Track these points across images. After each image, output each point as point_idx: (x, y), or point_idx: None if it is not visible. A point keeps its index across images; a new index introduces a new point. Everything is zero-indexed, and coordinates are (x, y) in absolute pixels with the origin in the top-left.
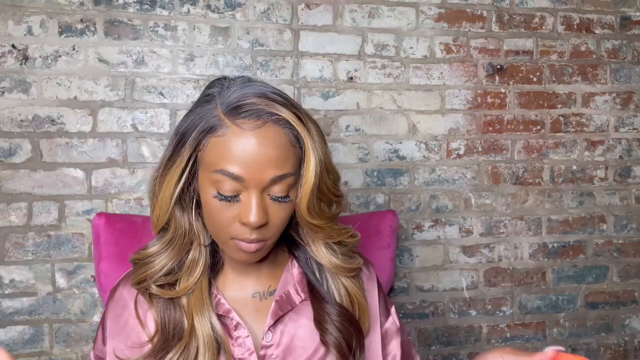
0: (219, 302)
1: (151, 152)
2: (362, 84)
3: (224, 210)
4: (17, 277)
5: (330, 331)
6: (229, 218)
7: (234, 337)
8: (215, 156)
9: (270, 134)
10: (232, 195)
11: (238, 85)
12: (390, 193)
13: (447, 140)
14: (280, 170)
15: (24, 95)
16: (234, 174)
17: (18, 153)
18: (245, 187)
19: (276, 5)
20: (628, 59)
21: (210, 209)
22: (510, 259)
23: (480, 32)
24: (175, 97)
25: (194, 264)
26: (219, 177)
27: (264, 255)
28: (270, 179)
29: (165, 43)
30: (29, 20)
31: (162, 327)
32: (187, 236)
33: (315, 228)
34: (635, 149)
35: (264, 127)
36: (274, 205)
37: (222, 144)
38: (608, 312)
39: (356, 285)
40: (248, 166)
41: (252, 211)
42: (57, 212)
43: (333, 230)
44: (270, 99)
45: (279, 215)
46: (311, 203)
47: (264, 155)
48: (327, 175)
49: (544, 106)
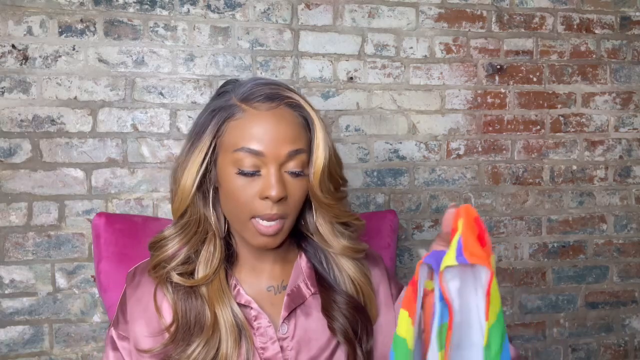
0: (238, 292)
1: (151, 152)
2: (362, 84)
3: (245, 187)
4: (17, 277)
5: (337, 318)
6: (250, 195)
7: (255, 327)
8: (235, 137)
9: (284, 114)
10: (254, 171)
11: (249, 81)
12: (390, 193)
13: (447, 140)
14: (295, 145)
15: (24, 95)
16: (254, 150)
17: (18, 153)
18: (264, 162)
19: (276, 5)
20: (628, 59)
21: (231, 188)
22: (510, 259)
23: (480, 32)
24: (175, 97)
25: (210, 255)
26: (240, 155)
27: (281, 240)
28: (287, 154)
29: (165, 43)
30: (29, 20)
31: (183, 316)
32: (202, 224)
33: (326, 207)
34: (635, 149)
35: (277, 108)
36: (291, 181)
37: (240, 125)
38: (608, 312)
39: (361, 275)
40: (266, 142)
41: (273, 184)
42: (57, 212)
43: (341, 211)
44: (280, 86)
45: (296, 191)
46: (323, 181)
47: (280, 131)
48: (335, 159)
49: (544, 106)
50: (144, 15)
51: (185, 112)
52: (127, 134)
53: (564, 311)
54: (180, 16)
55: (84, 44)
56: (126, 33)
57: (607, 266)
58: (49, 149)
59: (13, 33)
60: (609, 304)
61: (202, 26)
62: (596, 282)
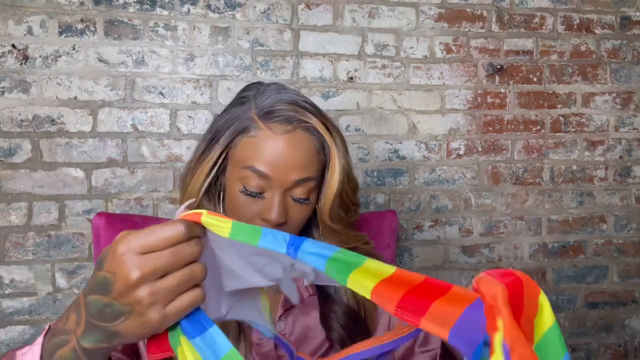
0: None
1: (151, 152)
2: (362, 84)
3: (247, 205)
4: (17, 277)
5: (335, 329)
6: (251, 213)
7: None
8: (246, 154)
9: (299, 139)
10: (257, 192)
11: (272, 91)
12: (390, 193)
13: (447, 140)
14: (304, 173)
15: (24, 95)
16: (261, 172)
17: (18, 153)
18: (270, 186)
19: (276, 5)
20: (628, 59)
21: (235, 203)
22: (510, 259)
23: (480, 32)
24: (175, 97)
25: None
26: (247, 174)
27: None
28: (294, 181)
29: (165, 43)
30: (29, 20)
31: None
32: None
33: (333, 232)
34: (635, 149)
35: (293, 132)
36: (294, 206)
37: (253, 143)
38: (608, 312)
39: None
40: (275, 166)
41: (275, 209)
42: (57, 212)
43: (349, 236)
44: (301, 107)
45: (298, 216)
46: (333, 209)
47: (291, 157)
48: (348, 183)
49: (544, 106)
50: (144, 15)
51: (185, 112)
52: (127, 134)
53: (564, 311)
54: (181, 16)
55: (84, 44)
56: (126, 33)
57: (607, 266)
58: (49, 149)
59: (13, 33)
60: (609, 304)
61: (202, 26)
62: (596, 282)
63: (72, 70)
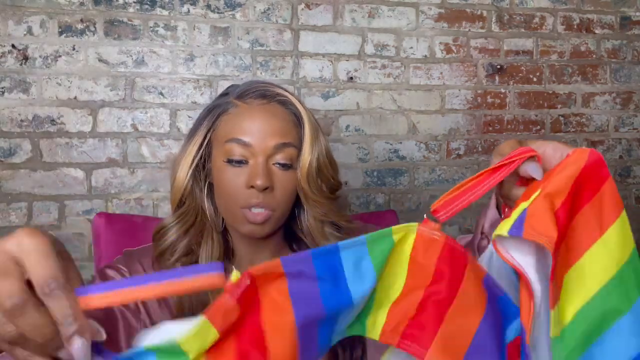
0: None
1: (151, 152)
2: (362, 84)
3: (234, 177)
4: None
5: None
6: (238, 184)
7: None
8: (227, 129)
9: (275, 110)
10: (241, 159)
11: (247, 81)
12: (390, 193)
13: (447, 140)
14: (282, 138)
15: (24, 95)
16: (242, 140)
17: (18, 153)
18: (252, 153)
19: (276, 5)
20: (628, 59)
21: (222, 179)
22: None
23: (480, 32)
24: (175, 97)
25: (210, 248)
26: (229, 146)
27: (270, 231)
28: (274, 146)
29: (165, 43)
30: (29, 20)
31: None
32: (199, 215)
33: (313, 202)
34: (635, 149)
35: (269, 104)
36: (278, 172)
37: (232, 118)
38: None
39: None
40: (255, 134)
41: (258, 173)
42: (57, 212)
43: (330, 209)
44: (274, 86)
45: (283, 184)
46: (310, 174)
47: (269, 125)
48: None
49: (544, 106)
50: (144, 15)
51: (185, 112)
52: (127, 134)
53: None
54: (180, 16)
55: (84, 44)
56: (126, 33)
57: None
58: (49, 149)
59: (13, 33)
60: None
61: (202, 26)
62: None
63: (72, 70)
